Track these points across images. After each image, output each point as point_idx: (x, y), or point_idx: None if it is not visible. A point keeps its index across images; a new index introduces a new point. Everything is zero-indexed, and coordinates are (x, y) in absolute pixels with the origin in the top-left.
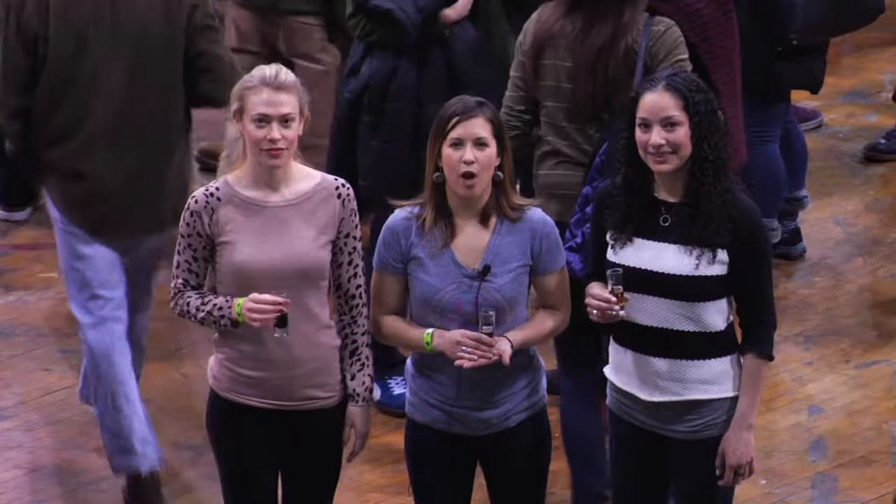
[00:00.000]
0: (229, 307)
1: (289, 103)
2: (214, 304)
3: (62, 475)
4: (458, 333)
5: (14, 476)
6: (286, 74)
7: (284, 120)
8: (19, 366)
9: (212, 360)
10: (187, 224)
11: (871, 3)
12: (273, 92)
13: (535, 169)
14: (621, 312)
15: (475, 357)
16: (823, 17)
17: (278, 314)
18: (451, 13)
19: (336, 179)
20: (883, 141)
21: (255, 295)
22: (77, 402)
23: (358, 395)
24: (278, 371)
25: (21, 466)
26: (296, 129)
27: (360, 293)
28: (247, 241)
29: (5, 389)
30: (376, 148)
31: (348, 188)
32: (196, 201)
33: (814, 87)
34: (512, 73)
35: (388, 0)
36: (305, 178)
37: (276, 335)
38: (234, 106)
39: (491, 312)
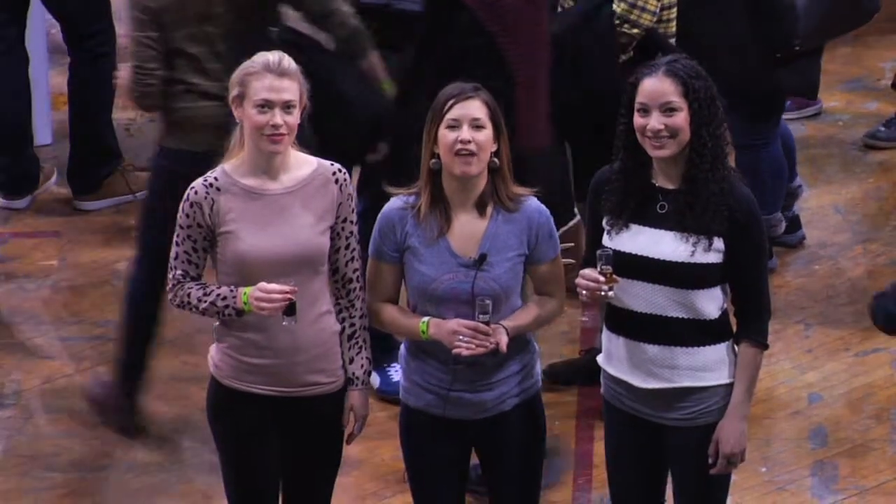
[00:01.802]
0: (234, 297)
1: (291, 90)
2: (218, 295)
3: (62, 463)
4: (454, 323)
5: (15, 464)
6: (288, 61)
7: (286, 106)
8: (19, 354)
9: (213, 348)
10: (187, 215)
11: (868, 5)
12: (276, 78)
13: (170, 104)
14: (609, 293)
15: (473, 346)
16: (823, 21)
17: (286, 303)
18: None
19: (332, 164)
20: (882, 128)
21: (262, 284)
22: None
23: (357, 378)
24: (281, 358)
25: (21, 454)
26: (297, 116)
27: (357, 276)
28: (248, 229)
29: (5, 377)
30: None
31: (345, 173)
32: (196, 192)
33: (811, 93)
34: (138, 33)
35: (416, 3)
36: (303, 164)
37: (283, 324)
38: (234, 91)
39: (487, 301)
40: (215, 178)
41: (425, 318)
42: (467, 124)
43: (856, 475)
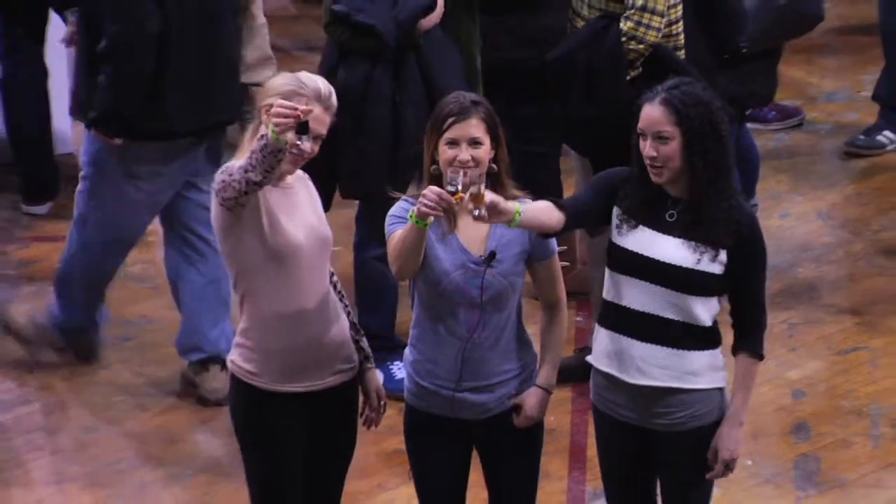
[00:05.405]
0: (264, 135)
1: (326, 124)
2: (252, 150)
3: (82, 456)
4: (427, 189)
5: (35, 457)
6: (334, 97)
7: (318, 137)
8: (43, 352)
9: (235, 352)
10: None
11: (812, 12)
12: (322, 110)
13: None
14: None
15: (435, 206)
16: (770, 25)
17: (299, 116)
18: (425, 23)
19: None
20: (862, 137)
21: (280, 101)
22: (93, 386)
23: (369, 356)
24: (313, 351)
25: (42, 448)
26: (317, 146)
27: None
28: (281, 217)
29: (28, 374)
30: (359, 149)
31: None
32: None
33: (762, 101)
34: None
35: (371, 17)
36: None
37: (297, 142)
38: (271, 100)
39: (457, 175)
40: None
41: (411, 210)
42: (466, 143)
43: (837, 468)
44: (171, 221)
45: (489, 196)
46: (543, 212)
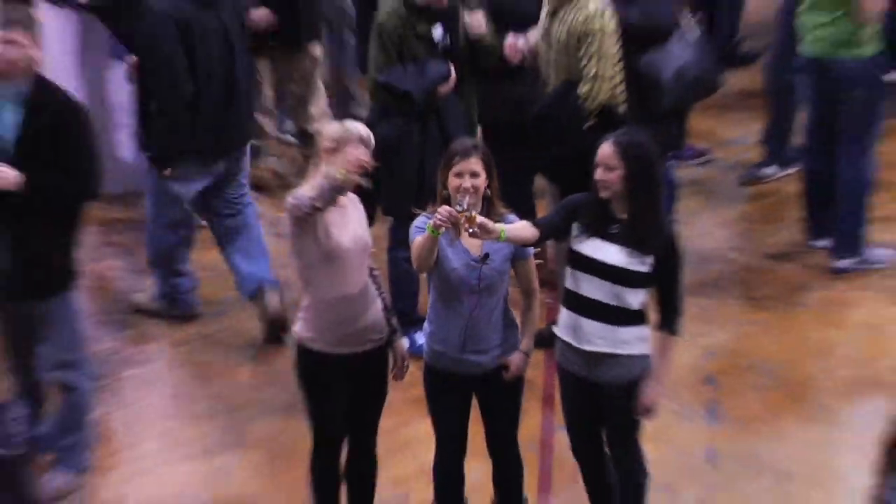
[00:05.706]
0: (334, 176)
1: (368, 157)
2: (321, 185)
3: (191, 399)
4: (442, 207)
5: (158, 399)
6: (372, 138)
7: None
8: (160, 324)
9: (300, 324)
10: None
11: (713, 83)
12: (364, 150)
13: None
14: (470, 230)
15: (446, 222)
16: (682, 93)
17: (363, 168)
18: (443, 90)
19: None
20: (753, 171)
21: (351, 150)
22: (196, 349)
23: (397, 330)
24: (355, 324)
25: (162, 392)
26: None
27: (373, 264)
28: (334, 229)
29: (151, 341)
30: (394, 183)
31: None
32: None
33: (675, 148)
34: None
35: (405, 85)
36: None
37: (361, 182)
38: (328, 144)
39: (465, 199)
40: None
41: (428, 223)
42: (468, 174)
43: (736, 409)
44: (212, 214)
45: (480, 219)
46: (523, 230)
